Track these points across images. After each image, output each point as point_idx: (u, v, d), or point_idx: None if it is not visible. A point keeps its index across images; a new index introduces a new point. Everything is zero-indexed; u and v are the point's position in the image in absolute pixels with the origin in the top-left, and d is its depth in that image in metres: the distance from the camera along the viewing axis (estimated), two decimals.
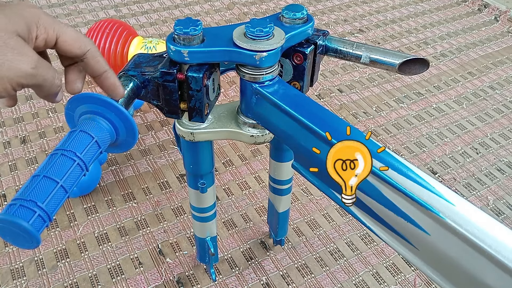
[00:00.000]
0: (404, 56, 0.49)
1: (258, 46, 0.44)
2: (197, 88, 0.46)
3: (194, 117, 0.49)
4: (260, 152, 0.99)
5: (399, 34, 1.40)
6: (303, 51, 0.50)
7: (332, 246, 0.82)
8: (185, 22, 0.45)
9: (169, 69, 0.46)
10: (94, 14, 1.38)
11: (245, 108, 0.51)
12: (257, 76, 0.47)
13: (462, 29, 1.45)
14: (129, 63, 0.48)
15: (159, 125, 1.03)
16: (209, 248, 0.69)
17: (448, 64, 1.29)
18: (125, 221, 0.84)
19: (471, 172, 0.98)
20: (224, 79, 1.17)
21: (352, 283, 0.77)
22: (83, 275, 0.76)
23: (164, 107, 0.49)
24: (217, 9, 1.45)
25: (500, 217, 0.90)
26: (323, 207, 0.89)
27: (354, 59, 0.52)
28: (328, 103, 1.13)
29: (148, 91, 0.48)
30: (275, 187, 0.69)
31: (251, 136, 0.52)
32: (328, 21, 1.44)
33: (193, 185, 0.61)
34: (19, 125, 1.00)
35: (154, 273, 0.77)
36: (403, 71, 0.50)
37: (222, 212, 0.86)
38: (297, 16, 0.49)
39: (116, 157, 0.95)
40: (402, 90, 1.19)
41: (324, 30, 0.54)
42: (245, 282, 0.76)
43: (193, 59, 0.45)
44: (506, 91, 1.21)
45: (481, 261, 0.31)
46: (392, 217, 0.36)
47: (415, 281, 0.78)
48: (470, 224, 0.32)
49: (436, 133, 1.07)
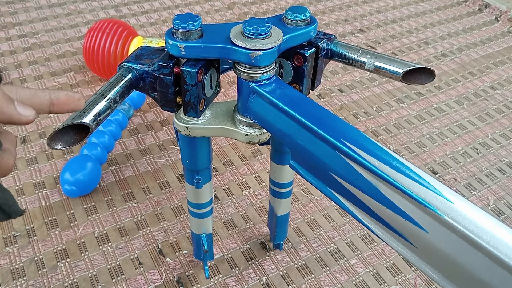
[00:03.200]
0: (409, 65, 0.49)
1: (254, 45, 0.44)
2: (191, 83, 0.47)
3: (189, 111, 0.50)
4: (260, 152, 0.98)
5: (399, 34, 1.40)
6: (303, 53, 0.50)
7: (333, 247, 0.82)
8: (184, 17, 0.45)
9: (166, 63, 0.47)
10: (94, 14, 1.38)
11: (242, 106, 0.51)
12: (254, 75, 0.47)
13: (462, 29, 1.45)
14: (130, 55, 0.49)
15: (159, 125, 1.03)
16: (203, 245, 0.69)
17: (449, 64, 1.29)
18: (125, 221, 0.84)
19: (471, 172, 0.98)
20: (224, 79, 1.17)
21: (353, 284, 0.77)
22: (83, 275, 0.76)
23: (160, 100, 0.49)
24: (218, 8, 1.45)
25: (501, 217, 0.89)
26: (323, 207, 0.88)
27: (359, 65, 0.52)
28: (328, 103, 1.13)
29: (146, 83, 0.49)
30: (275, 190, 0.69)
31: (245, 135, 0.52)
32: (328, 21, 1.44)
33: (190, 180, 0.61)
34: (19, 125, 1.00)
35: (154, 273, 0.77)
36: (408, 80, 0.49)
37: (222, 212, 0.86)
38: (299, 17, 0.49)
39: (116, 157, 0.95)
40: (403, 90, 1.19)
41: (331, 34, 0.53)
42: (245, 282, 0.76)
43: (189, 53, 0.46)
44: (506, 91, 1.21)
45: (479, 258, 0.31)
46: (390, 215, 0.36)
47: (416, 281, 0.78)
48: (468, 221, 0.31)
49: (436, 133, 1.07)
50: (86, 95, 1.09)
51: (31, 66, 1.17)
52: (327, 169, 0.41)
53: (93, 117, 0.42)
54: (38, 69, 1.16)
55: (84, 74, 1.15)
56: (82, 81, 1.13)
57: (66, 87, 1.11)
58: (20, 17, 1.34)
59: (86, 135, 0.42)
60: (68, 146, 0.41)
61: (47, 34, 1.28)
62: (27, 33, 1.28)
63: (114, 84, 0.45)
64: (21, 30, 1.29)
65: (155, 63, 0.47)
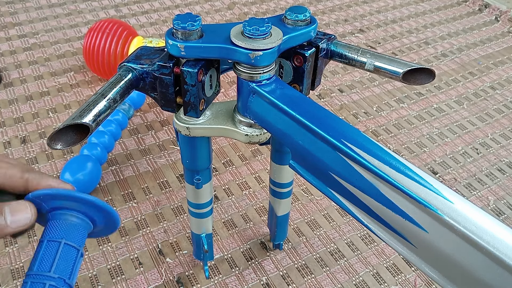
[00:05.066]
0: (409, 65, 0.49)
1: (254, 45, 0.44)
2: (191, 83, 0.47)
3: (189, 111, 0.50)
4: (260, 152, 0.98)
5: (399, 34, 1.40)
6: (303, 53, 0.50)
7: (333, 247, 0.82)
8: (184, 17, 0.45)
9: (166, 63, 0.47)
10: (94, 14, 1.38)
11: (242, 107, 0.51)
12: (254, 75, 0.47)
13: (462, 29, 1.45)
14: (130, 55, 0.49)
15: (159, 125, 1.03)
16: (203, 245, 0.70)
17: (449, 64, 1.29)
18: (125, 221, 0.84)
19: (471, 172, 0.98)
20: (224, 79, 1.17)
21: (353, 284, 0.77)
22: (83, 275, 0.76)
23: (160, 100, 0.50)
24: (218, 9, 1.45)
25: (501, 217, 0.89)
26: (323, 207, 0.88)
27: (359, 65, 0.52)
28: (328, 103, 1.13)
29: (146, 83, 0.49)
30: (275, 190, 0.69)
31: (245, 135, 0.52)
32: (328, 21, 1.44)
33: (190, 180, 0.61)
34: (19, 125, 1.00)
35: (154, 273, 0.77)
36: (408, 80, 0.49)
37: (222, 212, 0.86)
38: (299, 17, 0.49)
39: (116, 157, 0.95)
40: (403, 90, 1.19)
41: (331, 34, 0.53)
42: (245, 282, 0.76)
43: (189, 54, 0.46)
44: (506, 91, 1.21)
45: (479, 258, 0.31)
46: (390, 215, 0.36)
47: (416, 281, 0.78)
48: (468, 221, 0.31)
49: (436, 133, 1.07)
50: (86, 95, 1.09)
51: (31, 66, 1.17)
52: (327, 169, 0.41)
53: (93, 117, 0.42)
54: (38, 69, 1.16)
55: (84, 74, 1.15)
56: (82, 81, 1.13)
57: (66, 87, 1.11)
58: (20, 17, 1.34)
59: (86, 135, 0.42)
60: (68, 146, 0.41)
61: (47, 34, 1.28)
62: (27, 33, 1.28)
63: (114, 84, 0.45)
64: (21, 30, 1.29)
65: (155, 63, 0.47)
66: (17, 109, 1.04)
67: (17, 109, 1.04)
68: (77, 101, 1.07)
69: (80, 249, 0.37)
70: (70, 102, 1.07)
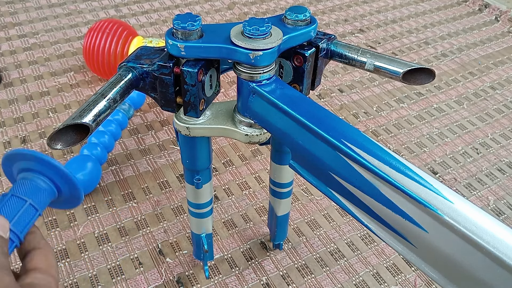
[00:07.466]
0: (409, 65, 0.49)
1: (254, 45, 0.44)
2: (191, 83, 0.47)
3: (189, 111, 0.50)
4: (260, 152, 0.98)
5: (399, 34, 1.40)
6: (303, 53, 0.50)
7: (333, 246, 0.82)
8: (184, 17, 0.45)
9: (166, 63, 0.47)
10: (94, 14, 1.38)
11: (242, 106, 0.51)
12: (254, 75, 0.47)
13: (462, 29, 1.45)
14: (131, 55, 0.49)
15: (159, 125, 1.03)
16: (203, 244, 0.70)
17: (449, 64, 1.29)
18: (125, 221, 0.84)
19: (471, 172, 0.98)
20: (224, 79, 1.17)
21: (353, 284, 0.77)
22: (83, 275, 0.76)
23: (160, 100, 0.49)
24: (218, 9, 1.45)
25: (501, 217, 0.89)
26: (323, 207, 0.88)
27: (359, 65, 0.52)
28: (328, 103, 1.13)
29: (146, 83, 0.49)
30: (275, 190, 0.69)
31: (245, 135, 0.52)
32: (328, 21, 1.44)
33: (190, 180, 0.61)
34: (19, 125, 1.00)
35: (154, 273, 0.76)
36: (408, 80, 0.49)
37: (222, 212, 0.86)
38: (299, 17, 0.49)
39: (116, 157, 0.95)
40: (403, 90, 1.19)
41: (331, 34, 0.54)
42: (245, 282, 0.76)
43: (189, 53, 0.46)
44: (506, 91, 1.21)
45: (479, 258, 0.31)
46: (390, 215, 0.36)
47: (416, 281, 0.78)
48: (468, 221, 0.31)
49: (436, 133, 1.07)
50: (86, 95, 1.09)
51: (31, 66, 1.17)
52: (327, 169, 0.41)
53: (93, 117, 0.42)
54: (38, 69, 1.16)
55: (84, 74, 1.15)
56: (82, 81, 1.13)
57: (66, 87, 1.11)
58: (20, 17, 1.34)
59: (86, 135, 0.42)
60: (68, 146, 0.41)
61: (47, 34, 1.28)
62: (27, 33, 1.28)
63: (114, 84, 0.45)
64: (21, 30, 1.29)
65: (155, 63, 0.47)
66: (17, 109, 1.04)
67: (17, 109, 1.04)
68: (77, 101, 1.07)
69: (39, 210, 0.39)
70: (70, 102, 1.07)
